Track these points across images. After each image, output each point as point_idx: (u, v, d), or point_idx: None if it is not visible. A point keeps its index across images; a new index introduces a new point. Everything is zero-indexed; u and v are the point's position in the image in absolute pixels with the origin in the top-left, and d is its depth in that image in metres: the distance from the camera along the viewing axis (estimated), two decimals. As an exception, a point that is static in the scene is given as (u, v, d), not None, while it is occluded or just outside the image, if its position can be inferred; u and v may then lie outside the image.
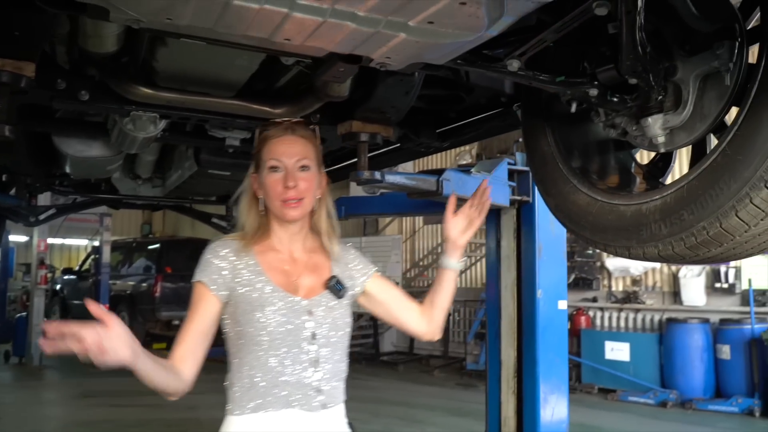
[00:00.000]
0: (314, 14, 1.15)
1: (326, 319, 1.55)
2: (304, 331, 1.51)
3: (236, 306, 1.52)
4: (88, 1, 1.15)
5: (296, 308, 1.52)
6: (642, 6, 1.26)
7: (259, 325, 1.48)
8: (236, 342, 1.52)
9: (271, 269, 1.56)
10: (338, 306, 1.59)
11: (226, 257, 1.54)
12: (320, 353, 1.52)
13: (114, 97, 2.13)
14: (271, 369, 1.48)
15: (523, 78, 1.54)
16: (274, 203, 1.56)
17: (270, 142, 1.58)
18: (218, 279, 1.52)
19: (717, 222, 1.35)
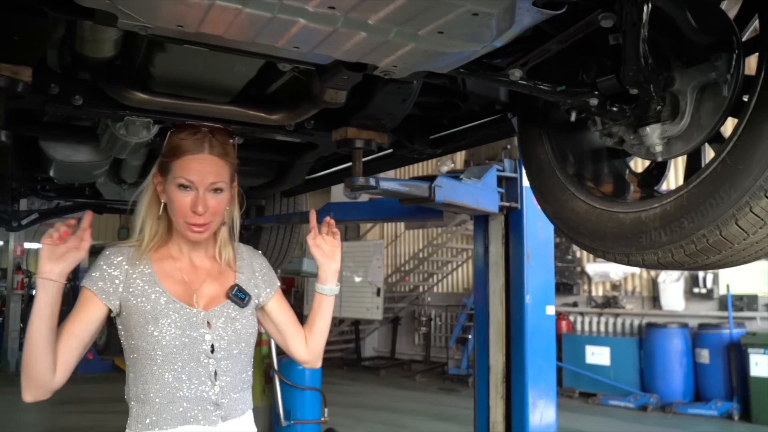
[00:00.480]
0: (326, 23, 1.15)
1: (226, 331, 1.50)
2: (203, 344, 1.46)
3: (129, 317, 1.44)
4: (98, 7, 1.14)
5: (193, 320, 1.46)
6: (647, 19, 1.29)
7: (153, 339, 1.42)
8: (130, 355, 1.45)
9: (167, 278, 1.49)
10: (240, 316, 1.53)
11: (119, 265, 1.47)
12: (219, 366, 1.47)
13: (108, 102, 2.10)
14: (167, 384, 1.43)
15: (524, 87, 1.56)
16: (179, 221, 1.48)
17: (184, 158, 1.47)
18: (109, 288, 1.44)
19: (717, 230, 1.37)
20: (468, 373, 9.80)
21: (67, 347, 1.40)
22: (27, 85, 1.75)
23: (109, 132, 2.60)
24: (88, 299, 1.44)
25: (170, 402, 1.42)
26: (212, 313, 1.50)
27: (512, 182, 3.51)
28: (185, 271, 1.53)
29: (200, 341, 1.45)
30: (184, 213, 1.47)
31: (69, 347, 1.41)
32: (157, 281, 1.47)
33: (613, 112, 1.59)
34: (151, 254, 1.50)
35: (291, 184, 3.29)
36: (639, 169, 1.99)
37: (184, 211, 1.47)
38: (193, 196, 1.47)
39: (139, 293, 1.45)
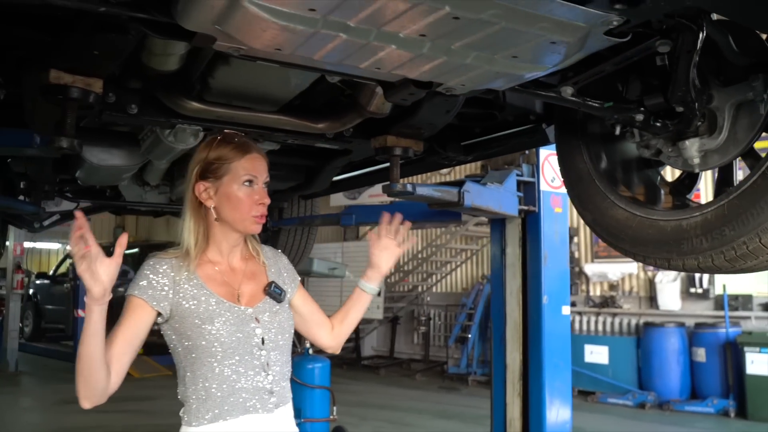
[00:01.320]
0: (413, 49, 1.26)
1: (272, 324, 1.61)
2: (254, 338, 1.56)
3: (182, 321, 1.52)
4: (204, 31, 1.24)
5: (243, 317, 1.56)
6: (700, 46, 1.41)
7: (211, 337, 1.50)
8: (188, 356, 1.53)
9: (211, 282, 1.58)
10: (281, 310, 1.65)
11: (165, 273, 1.54)
12: (270, 357, 1.58)
13: (163, 111, 2.19)
14: (227, 378, 1.51)
15: (574, 103, 1.68)
16: (243, 216, 1.57)
17: (246, 156, 1.59)
18: (159, 294, 1.51)
19: (756, 237, 1.50)
20: (467, 371, 9.93)
21: (121, 353, 1.47)
22: (98, 96, 1.85)
23: (153, 138, 2.70)
24: (137, 306, 1.50)
25: (231, 394, 1.51)
26: (257, 309, 1.61)
27: (530, 186, 3.63)
28: (225, 273, 1.62)
29: (252, 335, 1.56)
30: (250, 206, 1.58)
31: (123, 353, 1.48)
32: (204, 285, 1.56)
33: (657, 127, 1.71)
34: (193, 261, 1.57)
35: (318, 188, 3.39)
36: (668, 178, 2.12)
37: (250, 205, 1.58)
38: (257, 190, 1.60)
39: (189, 297, 1.53)
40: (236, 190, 1.57)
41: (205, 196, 1.58)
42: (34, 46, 1.81)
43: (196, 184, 1.60)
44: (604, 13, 1.13)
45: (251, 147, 1.63)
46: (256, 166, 1.61)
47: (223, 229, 1.61)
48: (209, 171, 1.59)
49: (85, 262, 1.33)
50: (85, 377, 1.41)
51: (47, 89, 1.76)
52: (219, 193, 1.57)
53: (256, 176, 1.60)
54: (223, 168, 1.58)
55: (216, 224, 1.60)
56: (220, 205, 1.58)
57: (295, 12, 1.11)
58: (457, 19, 1.11)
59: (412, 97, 1.63)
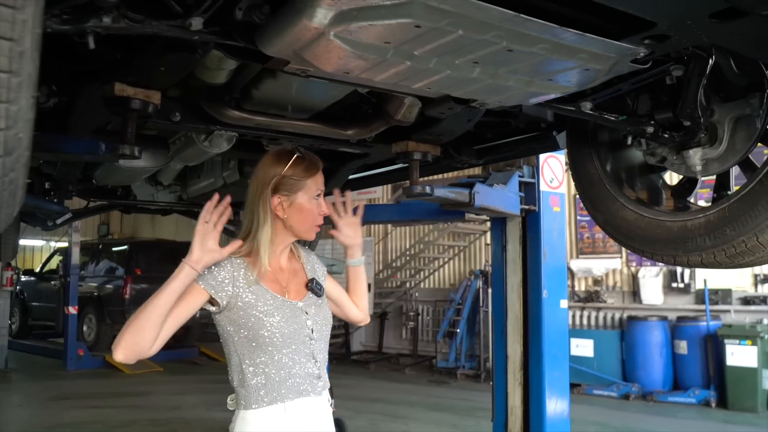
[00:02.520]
0: (465, 73, 1.44)
1: (318, 317, 1.80)
2: (306, 329, 1.75)
3: (243, 314, 1.69)
4: (282, 56, 1.42)
5: (295, 310, 1.76)
6: (709, 70, 1.61)
7: (273, 328, 1.69)
8: (247, 345, 1.69)
9: (266, 279, 1.76)
10: (323, 304, 1.85)
11: (226, 269, 1.70)
12: (316, 346, 1.77)
13: (203, 118, 2.35)
14: (284, 365, 1.69)
15: (591, 117, 1.88)
16: (309, 226, 1.79)
17: (318, 175, 1.81)
18: (218, 285, 1.68)
19: (754, 236, 1.71)
20: (456, 365, 10.16)
21: (168, 326, 1.63)
22: (156, 107, 2.01)
23: (185, 141, 2.86)
24: (194, 290, 1.67)
25: (287, 379, 1.70)
26: (305, 303, 1.80)
27: (530, 187, 3.84)
28: (276, 272, 1.81)
29: (304, 327, 1.75)
30: (315, 217, 1.80)
31: (170, 327, 1.64)
32: (260, 282, 1.74)
33: (664, 137, 1.92)
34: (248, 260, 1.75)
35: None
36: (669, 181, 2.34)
37: (315, 216, 1.79)
38: (320, 203, 1.81)
39: (249, 294, 1.70)
40: (307, 203, 1.77)
41: (279, 209, 1.76)
42: (101, 62, 1.96)
43: (272, 197, 1.76)
44: (635, 47, 1.32)
45: (318, 164, 1.83)
46: (322, 181, 1.82)
47: (283, 234, 1.79)
48: (284, 186, 1.76)
49: (205, 229, 1.61)
50: (139, 329, 1.54)
51: (111, 100, 1.92)
52: (292, 206, 1.76)
53: (322, 191, 1.81)
54: (298, 184, 1.76)
55: (277, 230, 1.78)
56: (290, 216, 1.76)
57: (372, 44, 1.29)
58: (511, 51, 1.30)
59: (450, 111, 1.81)
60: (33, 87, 0.87)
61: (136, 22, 1.29)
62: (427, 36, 1.25)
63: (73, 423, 7.15)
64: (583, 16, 1.27)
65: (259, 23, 1.39)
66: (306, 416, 1.70)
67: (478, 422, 6.80)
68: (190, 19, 1.32)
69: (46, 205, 3.34)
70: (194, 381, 9.76)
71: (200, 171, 3.93)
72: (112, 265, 12.06)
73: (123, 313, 11.07)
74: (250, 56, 1.51)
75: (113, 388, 9.30)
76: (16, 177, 0.96)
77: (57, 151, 2.41)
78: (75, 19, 1.19)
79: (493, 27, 1.21)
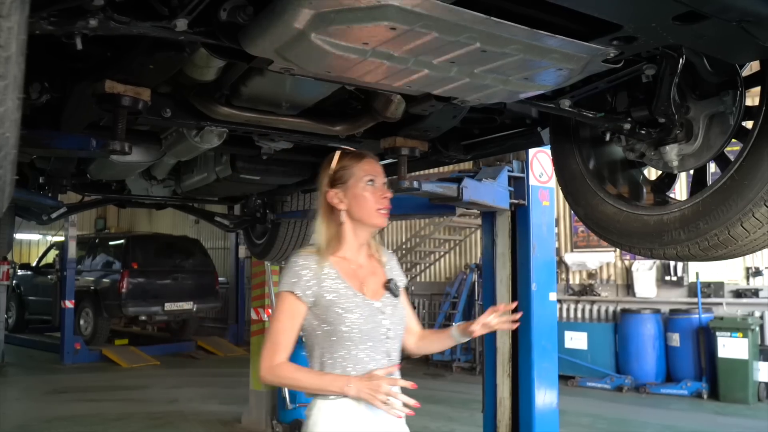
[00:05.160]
0: (443, 72, 1.49)
1: (395, 317, 1.87)
2: (382, 328, 1.81)
3: (326, 310, 1.77)
4: (266, 56, 1.46)
5: (373, 309, 1.82)
6: (680, 69, 1.66)
7: (352, 324, 1.76)
8: (328, 339, 1.77)
9: (348, 276, 1.83)
10: (399, 305, 1.91)
11: (311, 267, 1.78)
12: (391, 345, 1.83)
13: (194, 114, 2.40)
14: (361, 360, 1.75)
15: (571, 114, 1.93)
16: (370, 212, 1.83)
17: (364, 161, 1.87)
18: (306, 290, 1.76)
19: (726, 230, 1.76)
20: (452, 358, 10.24)
21: (291, 349, 1.77)
22: (146, 103, 2.05)
23: (176, 137, 2.90)
24: (292, 302, 1.77)
25: (362, 373, 1.74)
26: (383, 302, 1.86)
27: (520, 181, 3.89)
28: (356, 269, 1.87)
29: (381, 325, 1.81)
30: (375, 202, 1.84)
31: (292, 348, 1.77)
32: (341, 278, 1.81)
33: (641, 134, 1.97)
34: (329, 258, 1.83)
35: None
36: (650, 177, 2.39)
37: (375, 200, 1.84)
38: (379, 187, 1.86)
39: (331, 290, 1.77)
40: (362, 190, 1.83)
41: (336, 200, 1.84)
42: (92, 59, 2.00)
43: (327, 192, 1.85)
44: (604, 47, 1.37)
45: (365, 153, 1.91)
46: (374, 167, 1.87)
47: (355, 228, 1.86)
48: (336, 180, 1.85)
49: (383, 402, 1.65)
50: (283, 385, 1.70)
51: (101, 97, 1.96)
52: (348, 196, 1.83)
53: (376, 176, 1.86)
54: (347, 174, 1.84)
55: (348, 225, 1.85)
56: (350, 206, 1.83)
57: (351, 45, 1.34)
58: (484, 52, 1.35)
59: (432, 108, 1.86)
60: (19, 89, 0.92)
61: (122, 24, 1.33)
62: (403, 37, 1.30)
63: (70, 416, 7.21)
64: (553, 19, 1.32)
65: (242, 24, 1.44)
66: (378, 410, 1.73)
67: (473, 414, 6.87)
68: (175, 21, 1.36)
69: (40, 200, 3.39)
70: (191, 374, 9.83)
71: (193, 166, 3.97)
72: (108, 259, 12.08)
73: (119, 308, 11.13)
74: (235, 55, 1.55)
75: (110, 382, 9.37)
76: (4, 174, 1.01)
77: (49, 146, 2.45)
78: (62, 21, 1.24)
79: (465, 29, 1.26)
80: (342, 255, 1.86)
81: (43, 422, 6.93)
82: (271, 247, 4.94)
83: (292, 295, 1.77)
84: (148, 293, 11.32)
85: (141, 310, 11.33)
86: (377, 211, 1.85)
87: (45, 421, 6.97)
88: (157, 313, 11.38)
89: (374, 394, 1.63)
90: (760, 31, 1.26)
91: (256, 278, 7.05)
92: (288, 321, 1.77)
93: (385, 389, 1.63)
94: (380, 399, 1.63)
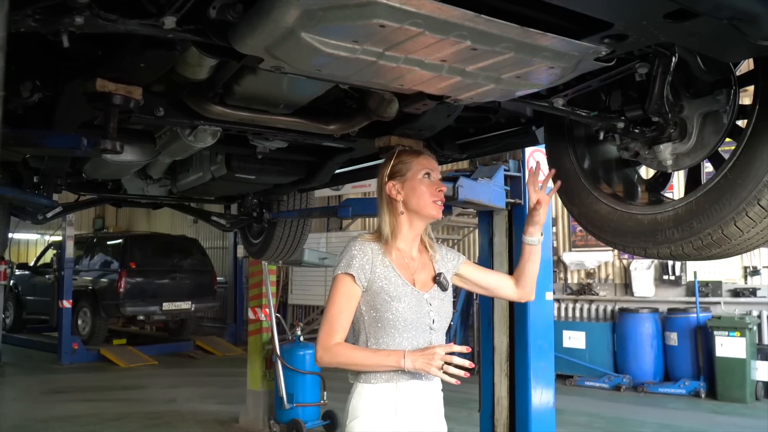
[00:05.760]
0: (434, 71, 1.48)
1: (440, 310, 1.91)
2: (427, 319, 1.86)
3: (375, 296, 1.83)
4: (256, 54, 1.45)
5: (421, 300, 1.87)
6: (673, 68, 1.65)
7: (398, 312, 1.81)
8: (374, 325, 1.83)
9: (400, 266, 1.89)
10: (446, 298, 1.96)
11: (366, 252, 1.86)
12: (435, 336, 1.87)
13: (187, 113, 2.38)
14: (403, 348, 1.80)
15: (564, 112, 1.92)
16: (427, 203, 1.89)
17: (421, 156, 1.94)
18: (361, 273, 1.82)
19: (720, 229, 1.76)
20: (450, 358, 10.21)
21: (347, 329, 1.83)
22: (137, 102, 2.04)
23: (170, 136, 2.89)
24: (349, 283, 1.83)
25: None
26: (431, 294, 1.91)
27: (516, 180, 3.88)
28: (409, 260, 1.93)
29: (426, 316, 1.86)
30: (432, 192, 1.90)
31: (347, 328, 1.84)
32: (394, 267, 1.87)
33: (635, 133, 1.96)
34: (385, 246, 1.89)
35: (319, 182, 3.60)
36: (645, 175, 2.38)
37: (432, 191, 1.90)
38: (434, 181, 1.92)
39: (383, 277, 1.84)
40: (419, 182, 1.89)
41: (394, 192, 1.91)
42: (83, 58, 1.99)
43: (386, 183, 1.92)
44: (595, 45, 1.36)
45: (422, 150, 1.99)
46: (430, 162, 1.94)
47: (411, 219, 1.92)
48: (395, 173, 1.93)
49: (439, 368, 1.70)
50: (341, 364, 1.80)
51: (93, 96, 1.95)
52: (405, 188, 1.90)
53: (432, 170, 1.92)
54: (405, 167, 1.92)
55: (404, 217, 1.91)
56: (407, 197, 1.90)
57: (341, 43, 1.33)
58: (475, 50, 1.34)
59: (425, 107, 1.86)
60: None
61: (109, 21, 1.32)
62: (392, 35, 1.29)
63: (67, 416, 7.20)
64: (545, 17, 1.31)
65: (232, 22, 1.43)
66: (416, 397, 1.81)
67: (470, 413, 6.85)
68: (163, 18, 1.35)
69: (34, 199, 3.37)
70: (189, 374, 9.81)
71: (189, 165, 3.96)
72: (107, 258, 12.05)
73: (117, 307, 11.10)
74: (225, 54, 1.55)
75: (108, 382, 9.35)
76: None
77: (39, 145, 2.44)
78: (47, 18, 1.23)
79: (455, 26, 1.25)
80: (397, 246, 1.92)
81: (39, 422, 6.91)
82: (267, 247, 4.94)
83: (348, 277, 1.83)
84: (146, 293, 11.30)
85: (139, 310, 11.30)
86: (433, 203, 1.91)
87: (42, 421, 6.95)
88: (155, 312, 11.35)
89: (430, 362, 1.69)
90: (751, 28, 1.25)
91: (253, 278, 7.04)
92: (344, 303, 1.83)
93: (440, 356, 1.68)
94: (436, 365, 1.68)
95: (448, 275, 1.99)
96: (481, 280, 2.10)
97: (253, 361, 6.68)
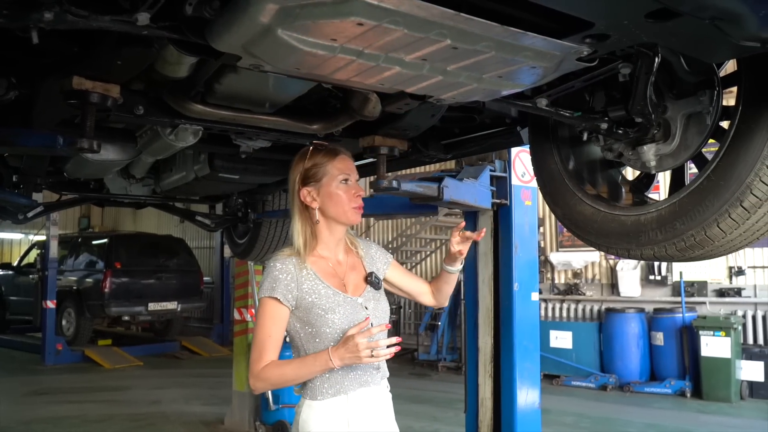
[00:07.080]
0: (415, 70, 1.46)
1: (377, 311, 1.86)
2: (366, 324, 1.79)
3: (308, 311, 1.76)
4: (233, 52, 1.42)
5: (355, 306, 1.81)
6: (656, 68, 1.64)
7: (335, 324, 1.75)
8: (311, 341, 1.77)
9: (326, 275, 1.82)
10: (381, 298, 1.91)
11: (290, 271, 1.78)
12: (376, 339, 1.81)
13: (167, 112, 2.35)
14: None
15: (548, 113, 1.90)
16: (345, 209, 1.82)
17: (338, 158, 1.86)
18: (287, 293, 1.76)
19: (702, 231, 1.75)
20: (437, 358, 10.22)
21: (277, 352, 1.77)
22: (115, 100, 2.01)
23: (151, 135, 2.85)
24: (275, 309, 1.76)
25: (349, 371, 1.76)
26: (365, 297, 1.85)
27: (502, 181, 3.87)
28: (335, 266, 1.87)
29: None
30: (350, 198, 1.83)
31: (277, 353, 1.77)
32: (320, 278, 1.80)
33: (619, 134, 1.95)
34: (307, 258, 1.82)
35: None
36: (630, 177, 2.37)
37: (350, 197, 1.82)
38: (352, 185, 1.85)
39: (311, 292, 1.77)
40: (335, 188, 1.82)
41: (309, 199, 1.83)
42: (58, 55, 1.95)
43: (300, 190, 1.83)
44: (577, 45, 1.35)
45: (340, 150, 1.88)
46: (348, 165, 1.86)
47: (329, 226, 1.84)
48: (309, 177, 1.84)
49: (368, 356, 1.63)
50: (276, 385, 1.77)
51: (69, 94, 1.91)
52: (321, 194, 1.82)
53: (350, 174, 1.85)
54: (320, 172, 1.83)
55: (322, 223, 1.83)
56: (323, 204, 1.82)
57: (319, 41, 1.30)
58: (456, 49, 1.32)
59: (407, 107, 1.83)
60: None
61: (80, 17, 1.28)
62: (371, 33, 1.26)
63: (51, 418, 7.12)
64: (526, 16, 1.30)
65: (208, 19, 1.39)
66: (367, 405, 1.77)
67: (457, 414, 6.84)
68: (136, 15, 1.32)
69: (12, 198, 3.32)
70: (174, 375, 9.73)
71: (172, 164, 3.92)
72: (91, 258, 11.93)
73: (102, 308, 10.99)
74: (203, 51, 1.52)
75: (92, 383, 9.25)
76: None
77: (14, 144, 2.39)
78: (15, 14, 1.19)
79: (435, 25, 1.23)
80: (319, 254, 1.85)
81: (22, 424, 6.83)
82: (252, 247, 4.89)
83: (273, 300, 1.76)
84: (132, 293, 11.20)
85: (124, 310, 11.21)
86: (352, 209, 1.84)
87: (24, 423, 6.87)
88: (141, 313, 11.26)
89: (357, 354, 1.63)
90: (733, 28, 1.24)
91: (239, 278, 6.99)
92: (271, 327, 1.76)
93: (364, 345, 1.63)
94: (364, 355, 1.62)
95: (379, 274, 1.95)
96: (405, 284, 2.07)
97: (239, 362, 6.64)
